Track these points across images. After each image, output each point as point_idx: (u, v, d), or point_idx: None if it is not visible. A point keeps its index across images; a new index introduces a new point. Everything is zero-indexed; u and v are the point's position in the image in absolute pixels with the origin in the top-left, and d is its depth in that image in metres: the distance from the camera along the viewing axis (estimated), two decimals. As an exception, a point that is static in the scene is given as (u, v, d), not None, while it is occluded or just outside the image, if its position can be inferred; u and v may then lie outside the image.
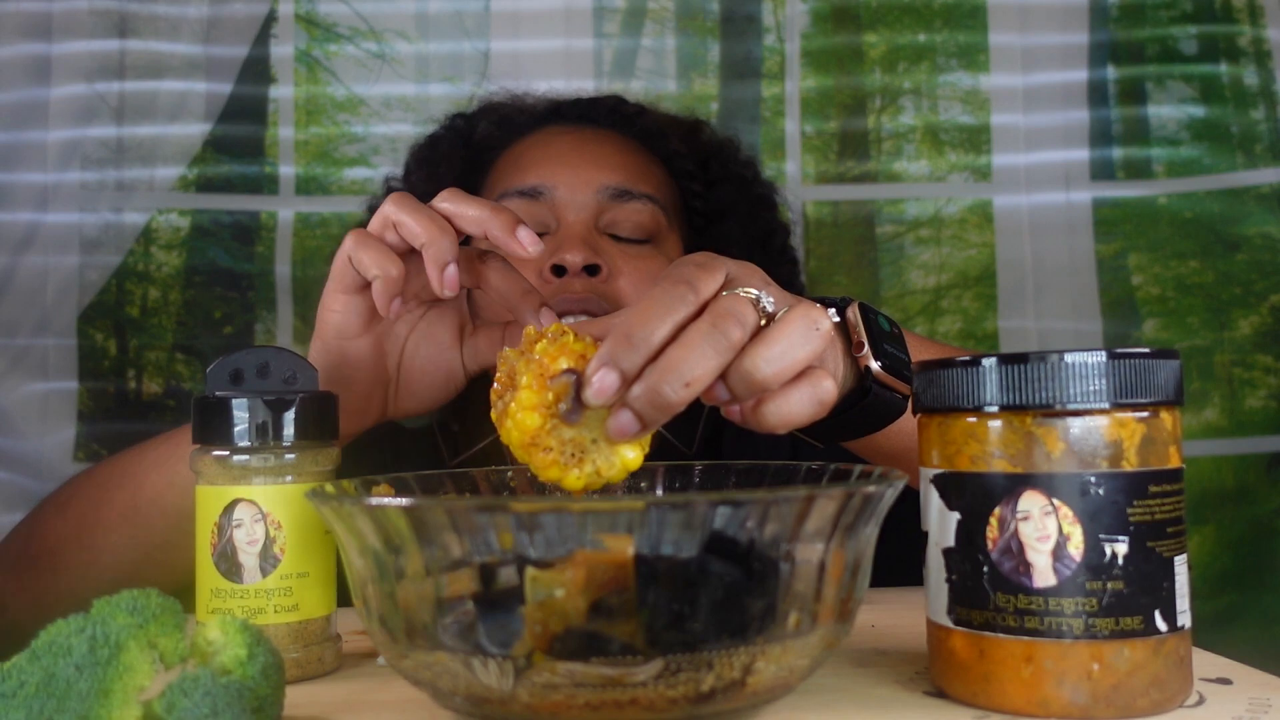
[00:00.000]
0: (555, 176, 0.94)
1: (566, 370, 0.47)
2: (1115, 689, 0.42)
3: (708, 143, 1.09)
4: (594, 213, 0.93)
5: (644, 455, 0.49)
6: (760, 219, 1.07)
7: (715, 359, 0.47)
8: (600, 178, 0.95)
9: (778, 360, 0.48)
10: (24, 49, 1.43)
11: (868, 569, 0.46)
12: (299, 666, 0.53)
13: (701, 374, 0.47)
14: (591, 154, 0.98)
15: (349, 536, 0.44)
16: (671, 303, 0.48)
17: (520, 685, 0.40)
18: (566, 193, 0.93)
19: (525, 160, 0.98)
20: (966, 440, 0.45)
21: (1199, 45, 1.50)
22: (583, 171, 0.95)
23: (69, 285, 1.43)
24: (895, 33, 1.52)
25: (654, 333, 0.47)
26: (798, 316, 0.49)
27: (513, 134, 1.03)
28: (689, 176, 1.03)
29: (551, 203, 0.93)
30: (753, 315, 0.49)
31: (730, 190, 1.06)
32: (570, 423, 0.48)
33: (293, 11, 1.48)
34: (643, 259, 0.93)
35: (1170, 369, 0.44)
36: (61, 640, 0.38)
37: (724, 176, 1.07)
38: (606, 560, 0.40)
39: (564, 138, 1.01)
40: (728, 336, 0.47)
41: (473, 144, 1.04)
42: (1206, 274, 1.46)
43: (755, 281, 0.53)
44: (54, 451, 1.42)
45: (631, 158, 0.99)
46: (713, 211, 1.04)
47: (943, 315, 1.48)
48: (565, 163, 0.96)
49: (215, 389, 0.55)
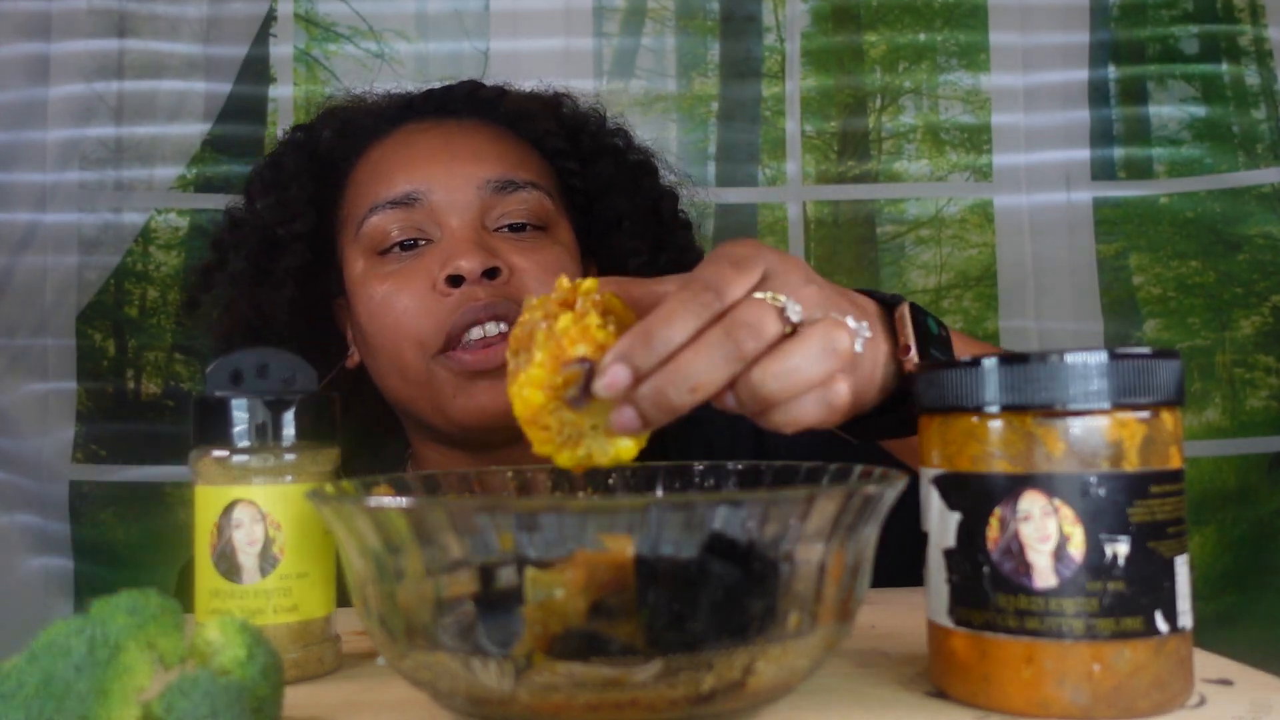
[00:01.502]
0: (428, 179, 0.87)
1: (581, 359, 0.48)
2: (1116, 690, 0.42)
3: (574, 116, 1.00)
4: (478, 211, 0.87)
5: (639, 449, 0.49)
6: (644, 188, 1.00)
7: (725, 368, 0.47)
8: (478, 172, 0.88)
9: (786, 377, 0.48)
10: (23, 49, 1.43)
11: (868, 569, 0.46)
12: (299, 667, 0.53)
13: (708, 381, 0.47)
14: (462, 148, 0.90)
15: (349, 537, 0.44)
16: (696, 308, 0.48)
17: (520, 685, 0.40)
18: (444, 195, 0.87)
19: (388, 166, 0.90)
20: (967, 440, 0.45)
21: (1200, 45, 1.50)
22: (457, 169, 0.88)
23: (68, 285, 1.43)
24: (896, 32, 1.52)
25: (673, 336, 0.47)
26: (817, 335, 0.49)
27: (363, 139, 0.94)
28: (563, 155, 0.95)
29: (429, 208, 0.86)
30: (773, 326, 0.48)
31: (608, 163, 0.98)
32: (575, 409, 0.48)
33: (292, 11, 1.48)
34: (539, 250, 0.87)
35: (1171, 369, 0.44)
36: (60, 641, 0.38)
37: (597, 150, 0.99)
38: (606, 560, 0.40)
39: (426, 135, 0.92)
40: (740, 347, 0.47)
41: (320, 157, 0.95)
42: (1208, 274, 1.46)
43: (794, 280, 0.51)
44: (53, 451, 1.43)
45: (504, 145, 0.92)
46: (594, 189, 0.97)
47: (943, 315, 1.48)
48: (435, 162, 0.89)
49: (214, 389, 0.55)
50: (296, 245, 0.92)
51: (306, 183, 0.93)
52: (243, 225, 0.96)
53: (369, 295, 0.86)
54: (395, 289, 0.85)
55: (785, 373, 0.48)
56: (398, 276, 0.85)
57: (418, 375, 0.84)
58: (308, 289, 0.93)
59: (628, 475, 0.59)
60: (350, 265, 0.89)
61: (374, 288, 0.86)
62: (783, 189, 1.49)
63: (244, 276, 0.94)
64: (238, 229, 0.96)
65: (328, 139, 0.95)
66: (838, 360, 0.49)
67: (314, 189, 0.93)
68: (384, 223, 0.86)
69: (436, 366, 0.83)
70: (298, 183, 0.93)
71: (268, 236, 0.93)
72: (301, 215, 0.92)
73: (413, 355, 0.84)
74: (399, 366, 0.85)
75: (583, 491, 0.60)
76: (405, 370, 0.85)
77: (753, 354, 0.48)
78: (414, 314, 0.84)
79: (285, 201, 0.93)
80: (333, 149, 0.95)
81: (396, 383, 0.86)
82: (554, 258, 0.88)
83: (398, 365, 0.85)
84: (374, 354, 0.87)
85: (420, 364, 0.84)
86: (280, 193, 0.93)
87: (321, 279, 0.94)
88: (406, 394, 0.86)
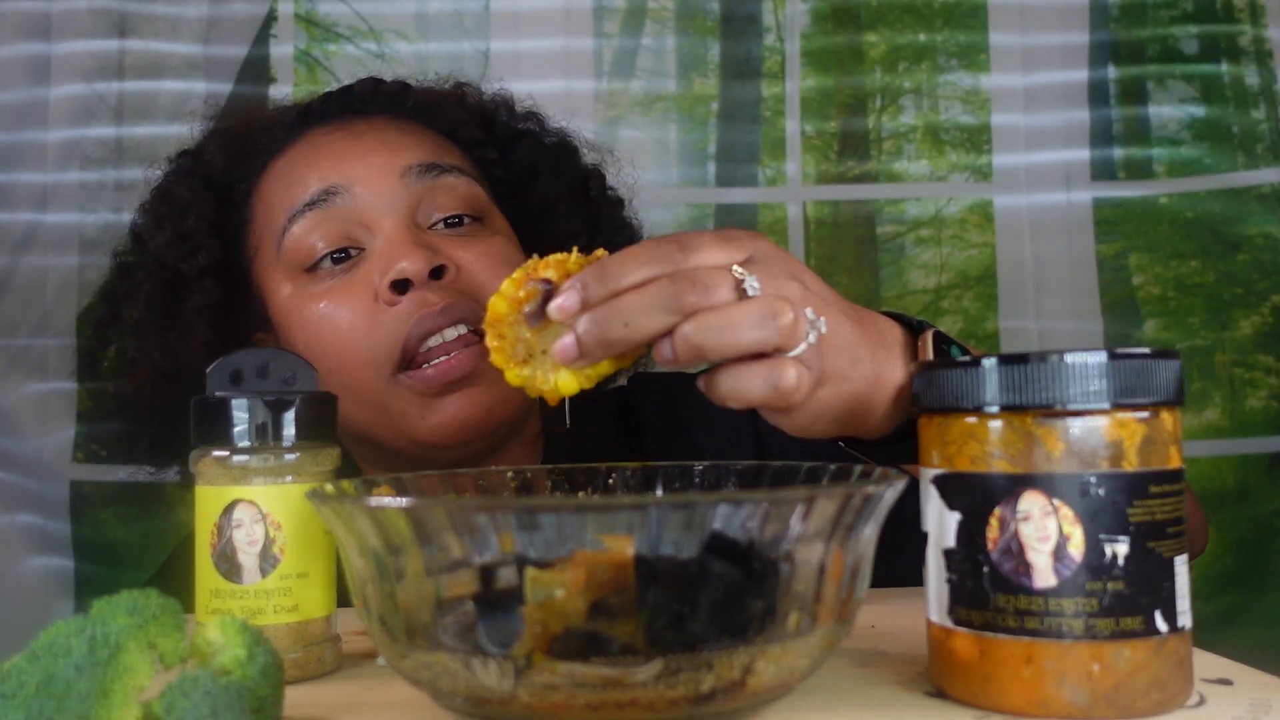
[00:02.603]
0: (345, 175, 0.79)
1: (544, 280, 0.51)
2: (1116, 689, 0.42)
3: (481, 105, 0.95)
4: (408, 208, 0.80)
5: (579, 387, 0.52)
6: (568, 168, 0.94)
7: (660, 314, 0.48)
8: (397, 161, 0.81)
9: (718, 332, 0.48)
10: (23, 49, 1.43)
11: (868, 569, 0.46)
12: (299, 667, 0.53)
13: (643, 322, 0.48)
14: (374, 142, 0.83)
15: (349, 537, 0.44)
16: (655, 256, 0.50)
17: (520, 685, 0.40)
18: (366, 191, 0.79)
19: (299, 171, 0.82)
20: (967, 440, 0.45)
21: (1200, 45, 1.50)
22: (374, 160, 0.80)
23: (68, 285, 1.43)
24: (895, 32, 1.52)
25: (625, 276, 0.49)
26: (757, 303, 0.49)
27: (262, 156, 0.86)
28: (479, 144, 0.89)
29: (354, 210, 0.79)
30: (723, 291, 0.49)
31: (526, 147, 0.93)
32: (530, 325, 0.52)
33: (292, 11, 1.48)
34: (480, 241, 0.81)
35: (1171, 369, 0.44)
36: (61, 641, 0.38)
37: (512, 135, 0.93)
38: (606, 560, 0.40)
39: (333, 136, 0.84)
40: (680, 298, 0.48)
41: (214, 182, 0.87)
42: (1207, 274, 1.46)
43: (776, 271, 0.51)
44: (53, 451, 1.42)
45: (419, 135, 0.85)
46: (517, 175, 0.92)
47: (943, 315, 1.48)
48: (349, 157, 0.81)
49: (215, 389, 0.55)
50: (204, 281, 0.84)
51: (206, 211, 0.85)
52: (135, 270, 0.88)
53: (304, 319, 0.79)
54: (334, 306, 0.78)
55: (717, 328, 0.48)
56: (334, 293, 0.78)
57: (374, 397, 0.77)
58: (222, 328, 0.85)
59: (628, 475, 0.59)
60: (274, 291, 0.82)
61: (308, 309, 0.79)
62: (783, 189, 1.49)
63: (148, 325, 0.85)
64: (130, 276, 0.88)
65: (220, 161, 0.87)
66: (776, 332, 0.49)
67: (214, 216, 0.85)
68: (307, 232, 0.79)
69: (396, 388, 0.76)
70: (195, 212, 0.85)
71: (168, 277, 0.85)
72: (205, 247, 0.84)
73: (366, 376, 0.77)
74: (351, 390, 0.76)
75: (583, 491, 0.60)
76: (359, 394, 0.77)
77: (692, 307, 0.48)
78: (361, 330, 0.77)
79: (184, 234, 0.84)
80: (228, 171, 0.87)
81: (349, 408, 0.76)
82: (498, 247, 0.82)
83: (350, 389, 0.76)
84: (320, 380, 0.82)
85: (376, 384, 0.77)
86: (176, 225, 0.84)
87: (237, 314, 0.86)
88: (362, 419, 0.79)
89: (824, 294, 0.54)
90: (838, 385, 0.54)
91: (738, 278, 0.50)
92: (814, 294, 0.53)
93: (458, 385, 0.76)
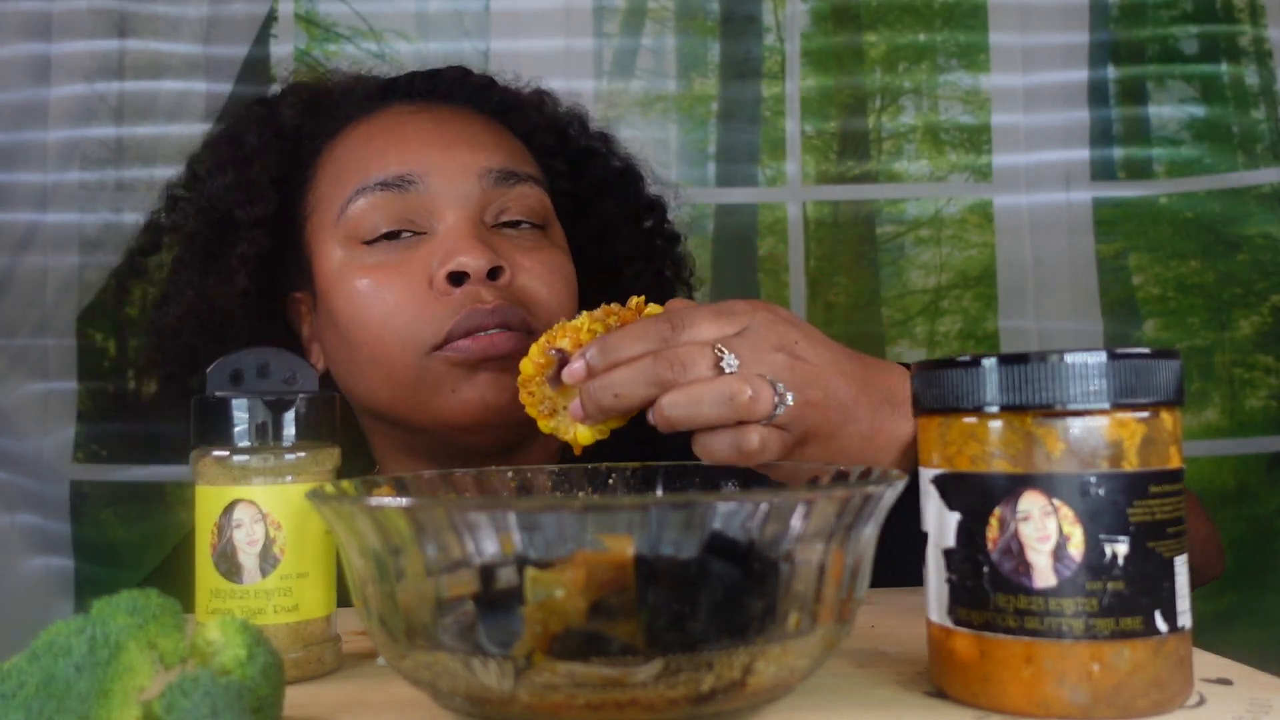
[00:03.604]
0: (425, 163, 0.79)
1: (559, 349, 0.62)
2: (1115, 689, 0.42)
3: (557, 115, 0.94)
4: (479, 205, 0.80)
5: (594, 439, 0.61)
6: (632, 193, 0.95)
7: (644, 387, 0.57)
8: (479, 160, 0.80)
9: (685, 407, 0.56)
10: (24, 49, 1.43)
11: (868, 569, 0.46)
12: (299, 667, 0.53)
13: (629, 393, 0.57)
14: (459, 134, 0.83)
15: (349, 537, 0.44)
16: (649, 333, 0.58)
17: (520, 685, 0.40)
18: (443, 183, 0.79)
19: (378, 146, 0.81)
20: (966, 440, 0.45)
21: (1200, 45, 1.50)
22: (456, 154, 0.80)
23: (68, 285, 1.43)
24: (895, 32, 1.52)
25: (621, 350, 0.58)
26: (721, 383, 0.56)
27: (340, 119, 0.86)
28: (551, 154, 0.89)
29: (426, 197, 0.79)
30: (700, 366, 0.57)
31: (597, 167, 0.93)
32: (553, 388, 0.62)
33: (293, 11, 1.48)
34: (539, 250, 0.81)
35: (1171, 369, 0.44)
36: (61, 640, 0.38)
37: (583, 151, 0.93)
38: (606, 560, 0.40)
39: (418, 117, 0.84)
40: (660, 375, 0.57)
41: (285, 134, 0.86)
42: (1207, 274, 1.46)
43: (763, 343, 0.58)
44: (53, 451, 1.42)
45: (501, 136, 0.85)
46: (582, 192, 0.91)
47: (943, 315, 1.48)
48: (432, 145, 0.81)
49: (215, 389, 0.55)
50: (255, 231, 0.83)
51: (271, 162, 0.84)
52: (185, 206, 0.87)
53: (352, 288, 0.78)
54: (385, 282, 0.77)
55: (684, 403, 0.56)
56: (387, 269, 0.78)
57: (405, 373, 0.77)
58: (260, 280, 0.84)
59: (628, 475, 0.59)
60: (324, 255, 0.81)
61: (358, 279, 0.78)
62: (783, 189, 1.49)
63: (188, 264, 0.85)
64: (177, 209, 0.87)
65: (294, 116, 0.86)
66: (732, 409, 0.56)
67: (278, 169, 0.84)
68: (372, 208, 0.79)
69: (431, 362, 0.76)
70: (260, 161, 0.84)
71: (221, 220, 0.84)
72: (264, 198, 0.83)
73: (400, 351, 0.77)
74: (383, 365, 0.77)
75: (583, 491, 0.60)
76: (391, 368, 0.77)
77: (668, 384, 0.56)
78: (409, 312, 0.76)
79: (246, 181, 0.83)
80: (301, 126, 0.86)
81: (377, 383, 0.79)
82: (555, 260, 0.82)
83: (382, 364, 0.77)
84: (352, 351, 0.79)
85: (410, 360, 0.76)
86: (239, 171, 0.84)
87: (278, 269, 0.85)
88: (388, 396, 0.79)
89: (820, 358, 0.59)
90: (825, 443, 0.60)
91: (717, 355, 0.57)
92: (804, 362, 0.59)
93: (493, 364, 0.75)
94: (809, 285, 1.45)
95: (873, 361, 0.64)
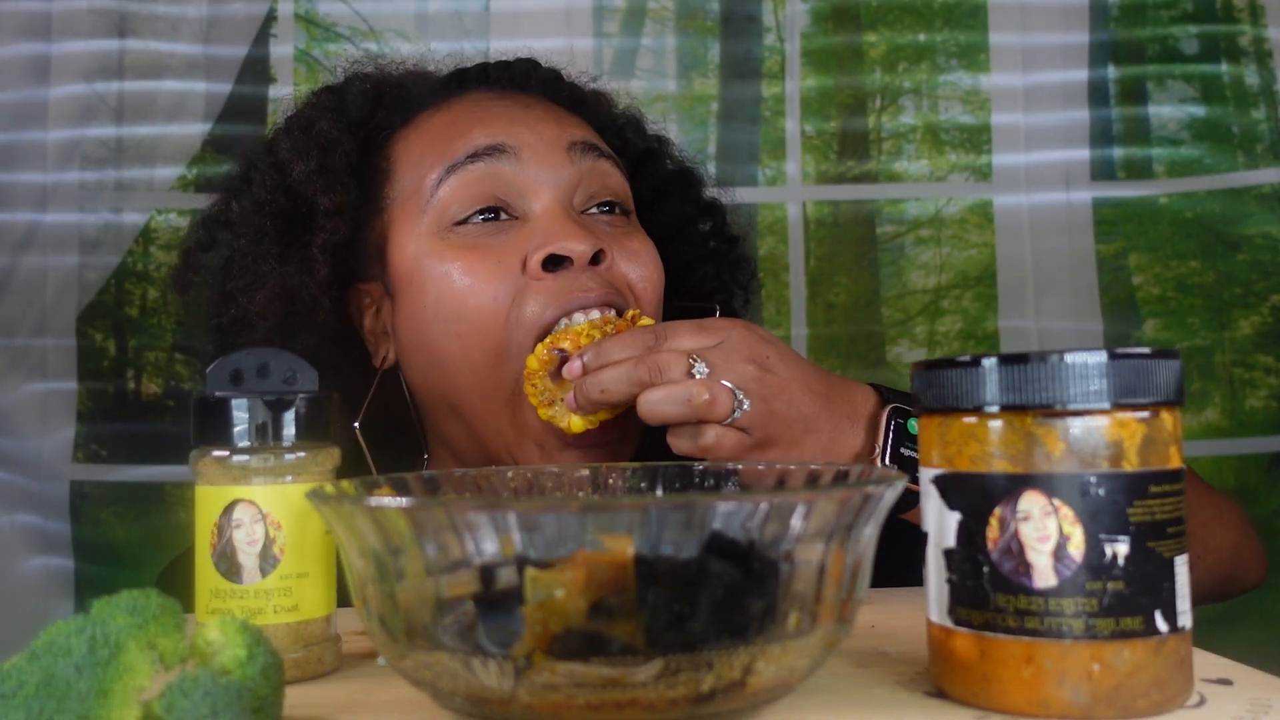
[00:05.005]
0: (517, 137, 0.78)
1: (560, 349, 0.71)
2: (1116, 689, 0.42)
3: (618, 115, 0.93)
4: (570, 184, 0.78)
5: (585, 428, 0.72)
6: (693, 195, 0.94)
7: (627, 385, 0.67)
8: (566, 134, 0.79)
9: (654, 405, 0.66)
10: (23, 49, 1.43)
11: (868, 570, 0.46)
12: (299, 667, 0.53)
13: (614, 390, 0.67)
14: (545, 113, 0.82)
15: (349, 537, 0.44)
16: (637, 341, 0.68)
17: (520, 685, 0.40)
18: (533, 157, 0.77)
19: (460, 127, 0.79)
20: (967, 440, 0.45)
21: (1200, 45, 1.50)
22: (545, 131, 0.79)
23: (68, 285, 1.43)
24: (895, 32, 1.52)
25: (612, 354, 0.68)
26: (681, 386, 0.65)
27: (413, 108, 0.84)
28: (618, 151, 0.86)
29: (516, 172, 0.77)
30: (674, 371, 0.66)
31: (659, 166, 0.93)
32: (554, 382, 0.72)
33: (292, 11, 1.48)
34: (632, 237, 0.80)
35: (1171, 369, 0.44)
36: (61, 641, 0.38)
37: (642, 153, 0.92)
38: (606, 560, 0.40)
39: (499, 101, 0.83)
40: (640, 376, 0.66)
41: (357, 123, 0.84)
42: (1207, 274, 1.46)
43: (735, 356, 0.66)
44: (53, 451, 1.43)
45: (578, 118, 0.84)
46: (645, 193, 0.90)
47: (943, 315, 1.48)
48: (518, 122, 0.79)
49: (215, 389, 0.55)
50: (336, 220, 0.80)
51: (349, 150, 0.82)
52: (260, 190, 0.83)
53: (441, 272, 0.76)
54: (476, 264, 0.75)
55: (656, 402, 0.66)
56: (479, 251, 0.76)
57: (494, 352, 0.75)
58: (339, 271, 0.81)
59: (628, 475, 0.59)
60: (403, 244, 0.79)
61: (447, 264, 0.76)
62: (783, 189, 1.49)
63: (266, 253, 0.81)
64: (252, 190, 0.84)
65: (364, 105, 0.84)
66: (691, 409, 0.65)
67: (355, 157, 0.82)
68: (465, 185, 0.77)
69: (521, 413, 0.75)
70: (341, 149, 0.82)
71: (300, 209, 0.81)
72: (345, 186, 0.81)
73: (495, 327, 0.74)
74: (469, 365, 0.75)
75: (583, 491, 0.60)
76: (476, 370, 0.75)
77: (644, 384, 0.66)
78: (504, 297, 0.74)
79: (327, 169, 0.81)
80: (371, 116, 0.84)
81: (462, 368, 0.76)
82: (646, 245, 0.81)
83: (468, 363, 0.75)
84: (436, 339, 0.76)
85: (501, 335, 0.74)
86: (320, 159, 0.81)
87: (350, 259, 0.83)
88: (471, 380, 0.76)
89: (788, 373, 0.67)
90: (787, 449, 0.68)
91: (690, 363, 0.66)
92: (773, 374, 0.67)
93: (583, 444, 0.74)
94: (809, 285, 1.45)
95: (839, 380, 0.71)
